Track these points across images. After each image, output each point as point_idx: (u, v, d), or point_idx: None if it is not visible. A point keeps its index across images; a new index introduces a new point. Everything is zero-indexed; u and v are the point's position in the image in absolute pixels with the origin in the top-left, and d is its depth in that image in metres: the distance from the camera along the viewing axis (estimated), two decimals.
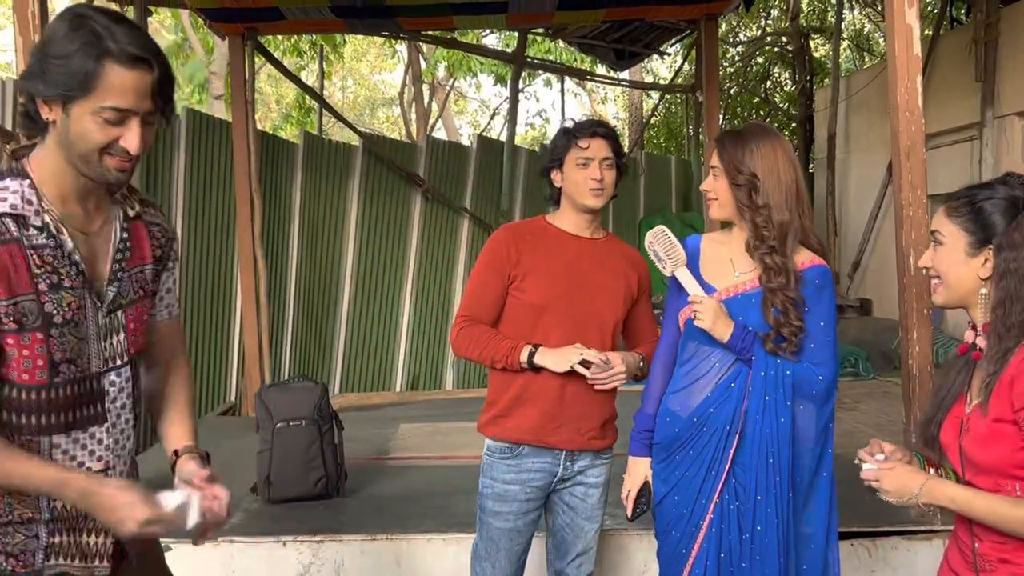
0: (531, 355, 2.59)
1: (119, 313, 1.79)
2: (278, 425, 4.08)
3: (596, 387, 2.58)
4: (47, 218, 1.68)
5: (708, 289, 2.42)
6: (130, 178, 1.74)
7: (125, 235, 1.81)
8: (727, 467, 2.37)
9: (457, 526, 3.65)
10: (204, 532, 1.77)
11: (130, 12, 6.72)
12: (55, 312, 1.67)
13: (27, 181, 1.68)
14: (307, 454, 4.07)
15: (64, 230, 1.69)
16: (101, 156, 1.65)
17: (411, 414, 6.51)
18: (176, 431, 1.94)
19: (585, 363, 2.54)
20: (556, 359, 2.58)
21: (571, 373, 2.57)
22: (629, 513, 2.59)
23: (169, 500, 1.67)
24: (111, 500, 1.64)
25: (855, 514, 3.64)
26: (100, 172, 1.67)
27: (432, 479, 4.47)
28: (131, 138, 1.64)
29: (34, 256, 1.65)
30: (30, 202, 1.67)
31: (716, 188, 2.42)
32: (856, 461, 1.90)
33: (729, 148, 2.38)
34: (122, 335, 1.80)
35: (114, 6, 8.18)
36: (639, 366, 2.67)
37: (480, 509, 2.78)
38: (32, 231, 1.66)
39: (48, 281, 1.66)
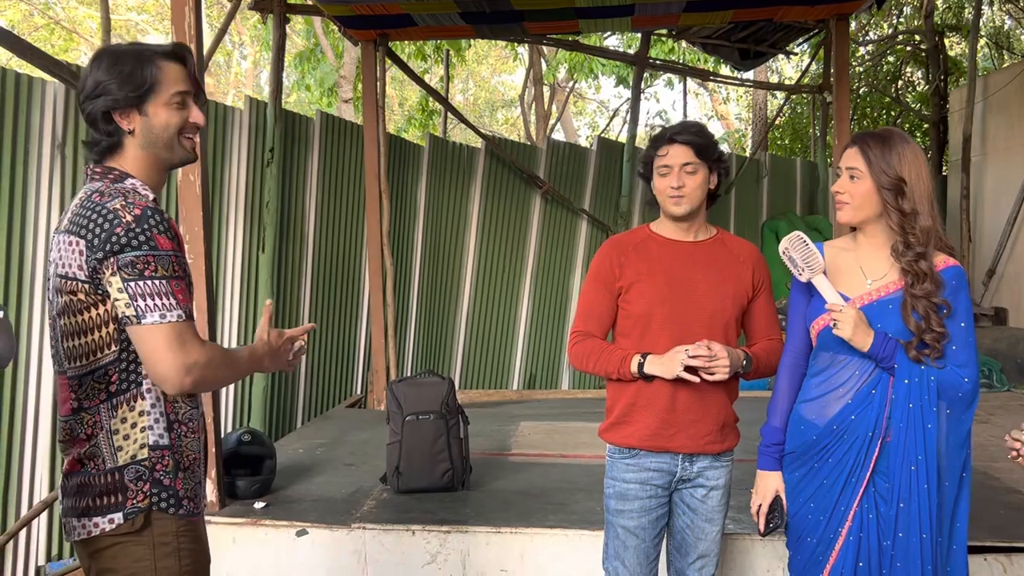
0: (640, 365, 2.64)
1: None
2: (407, 418, 4.22)
3: (703, 377, 2.58)
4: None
5: (842, 298, 2.41)
6: (198, 155, 2.16)
7: None
8: (868, 474, 2.36)
9: (580, 523, 3.71)
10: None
11: (270, 20, 7.05)
12: (190, 273, 2.07)
13: (138, 179, 2.04)
14: (434, 447, 4.20)
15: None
16: (179, 139, 2.07)
17: (530, 412, 6.60)
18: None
19: (691, 369, 2.55)
20: (663, 367, 2.60)
21: (683, 379, 2.59)
22: (762, 528, 2.59)
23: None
24: (278, 351, 2.16)
25: (990, 528, 3.56)
26: (181, 154, 2.09)
27: (553, 476, 4.54)
28: (196, 113, 2.09)
29: (177, 230, 2.02)
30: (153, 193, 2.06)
31: (852, 191, 2.40)
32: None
33: (875, 150, 2.36)
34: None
35: (255, 14, 8.58)
36: (742, 363, 2.66)
37: (606, 510, 2.85)
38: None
39: (183, 251, 2.04)
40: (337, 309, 7.52)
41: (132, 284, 1.87)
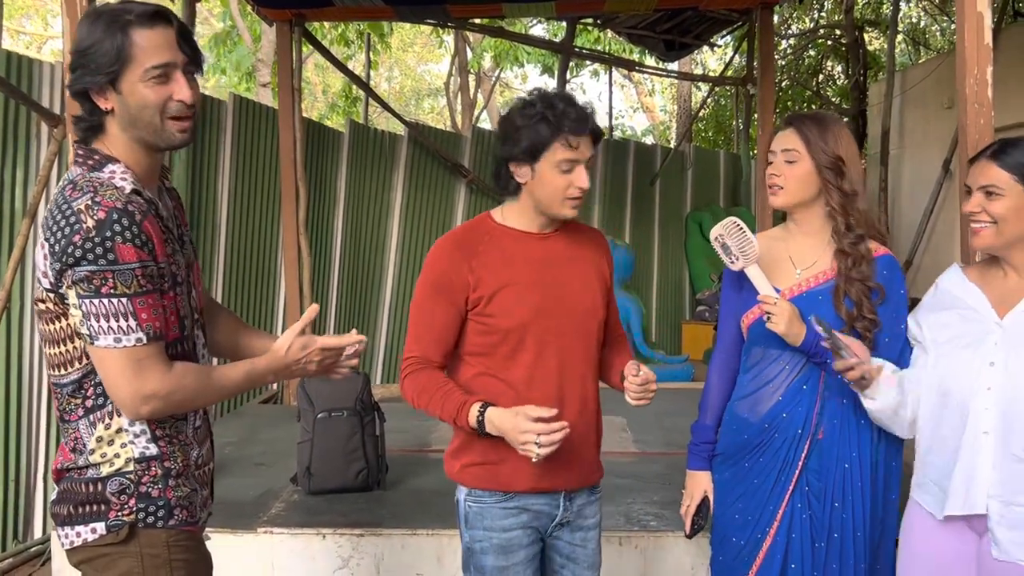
0: (480, 423, 2.13)
1: (191, 272, 1.96)
2: (319, 415, 4.03)
3: (632, 399, 2.23)
4: (147, 193, 1.82)
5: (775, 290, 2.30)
6: (193, 138, 1.86)
7: (171, 203, 1.97)
8: (797, 472, 2.26)
9: None
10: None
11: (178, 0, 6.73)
12: (177, 272, 1.85)
13: (120, 164, 1.80)
14: (348, 445, 4.02)
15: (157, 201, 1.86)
16: (163, 120, 1.78)
17: None
18: (263, 340, 2.12)
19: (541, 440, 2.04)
20: (506, 434, 2.08)
21: (568, 397, 2.23)
22: (687, 530, 2.48)
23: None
24: (298, 362, 1.92)
25: None
26: (167, 137, 1.81)
27: None
28: (181, 88, 1.79)
29: (158, 225, 1.80)
30: (135, 180, 1.80)
31: (789, 173, 2.28)
32: None
33: (813, 130, 2.27)
34: (194, 292, 1.96)
35: None
36: None
37: (478, 571, 2.29)
38: (146, 204, 1.80)
39: (170, 247, 1.84)
40: (251, 301, 7.23)
41: (87, 302, 1.70)
